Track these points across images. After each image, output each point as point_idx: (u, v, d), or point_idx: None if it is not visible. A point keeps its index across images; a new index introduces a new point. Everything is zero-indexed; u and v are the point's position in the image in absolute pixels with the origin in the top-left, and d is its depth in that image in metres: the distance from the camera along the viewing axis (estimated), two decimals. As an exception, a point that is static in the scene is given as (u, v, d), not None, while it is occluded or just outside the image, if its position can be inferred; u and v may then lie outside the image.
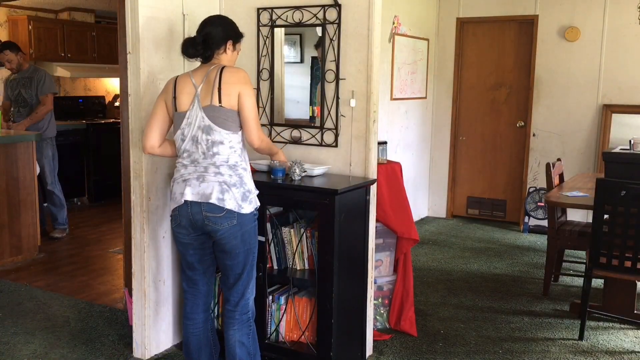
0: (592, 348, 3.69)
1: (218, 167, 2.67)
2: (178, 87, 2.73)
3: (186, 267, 2.88)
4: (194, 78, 2.72)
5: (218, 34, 2.74)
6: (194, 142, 2.68)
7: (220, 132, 2.65)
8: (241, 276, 2.79)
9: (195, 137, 2.67)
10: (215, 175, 2.66)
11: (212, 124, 2.64)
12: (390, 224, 3.68)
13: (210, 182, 2.66)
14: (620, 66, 6.07)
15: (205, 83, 2.68)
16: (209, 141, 2.65)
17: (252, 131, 2.72)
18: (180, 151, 2.76)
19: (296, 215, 3.32)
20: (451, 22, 6.84)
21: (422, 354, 3.55)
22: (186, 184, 2.69)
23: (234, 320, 2.83)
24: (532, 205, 6.44)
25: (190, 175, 2.70)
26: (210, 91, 2.65)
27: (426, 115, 6.96)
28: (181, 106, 2.71)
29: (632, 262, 3.59)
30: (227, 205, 2.64)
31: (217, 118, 2.64)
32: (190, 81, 2.71)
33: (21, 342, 3.58)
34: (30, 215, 5.22)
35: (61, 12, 7.74)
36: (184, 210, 2.70)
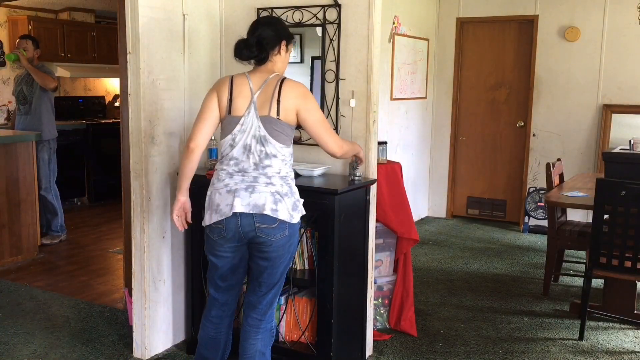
0: (592, 348, 3.69)
1: (269, 177, 2.57)
2: (235, 89, 2.61)
3: (218, 277, 2.74)
4: (251, 82, 2.61)
5: (271, 35, 2.63)
6: (246, 150, 2.56)
7: (274, 145, 2.55)
8: (275, 286, 2.70)
9: (248, 145, 2.56)
10: (267, 185, 2.55)
11: (267, 136, 2.54)
12: (390, 224, 3.68)
13: (262, 192, 2.54)
14: (620, 66, 6.07)
15: (263, 91, 2.58)
16: (262, 152, 2.55)
17: (328, 143, 2.67)
18: (224, 157, 2.62)
19: (296, 215, 3.31)
20: (451, 22, 6.84)
21: (422, 354, 3.55)
22: (235, 195, 2.54)
23: (258, 329, 2.73)
24: (532, 205, 6.44)
25: (237, 186, 2.56)
26: (269, 101, 2.55)
27: (426, 115, 6.96)
28: (236, 110, 2.59)
29: (632, 262, 3.59)
30: (281, 215, 2.54)
31: (273, 130, 2.55)
32: (248, 85, 2.61)
33: (21, 342, 3.58)
34: (30, 215, 5.22)
35: (61, 12, 7.75)
36: (232, 222, 2.56)
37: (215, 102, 2.64)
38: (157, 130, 3.30)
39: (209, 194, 2.66)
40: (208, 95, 2.68)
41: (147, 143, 3.25)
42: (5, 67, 7.12)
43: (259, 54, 2.62)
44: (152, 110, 3.26)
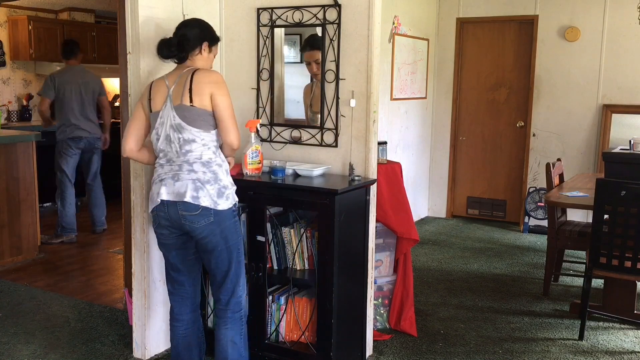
0: (592, 348, 3.69)
1: (191, 164, 2.66)
2: (153, 89, 2.76)
3: (170, 268, 2.87)
4: (167, 80, 2.75)
5: (193, 36, 2.76)
6: (168, 141, 2.68)
7: (190, 131, 2.64)
8: (228, 274, 2.77)
9: (168, 135, 2.68)
10: (189, 172, 2.66)
11: (182, 123, 2.64)
12: (390, 224, 3.68)
13: (184, 180, 2.65)
14: (620, 66, 6.07)
15: (177, 84, 2.69)
16: (180, 139, 2.65)
17: (231, 132, 2.69)
18: (156, 151, 2.77)
19: (296, 215, 3.32)
20: (451, 22, 6.84)
21: (422, 354, 3.55)
22: (162, 183, 2.70)
23: (225, 319, 2.82)
24: (532, 205, 6.44)
25: (166, 175, 2.71)
26: (181, 91, 2.66)
27: (426, 115, 6.96)
28: (155, 106, 2.72)
29: (632, 262, 3.59)
30: (202, 202, 2.63)
31: (187, 117, 2.64)
32: (164, 83, 2.74)
33: (21, 342, 3.58)
34: (30, 215, 5.22)
35: (61, 12, 7.75)
36: (161, 210, 2.71)
37: (140, 106, 2.81)
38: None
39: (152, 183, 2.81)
40: (136, 103, 2.88)
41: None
42: (5, 67, 7.12)
43: (178, 53, 2.76)
44: (152, 110, 3.26)
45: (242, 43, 3.64)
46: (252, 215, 3.19)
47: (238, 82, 3.67)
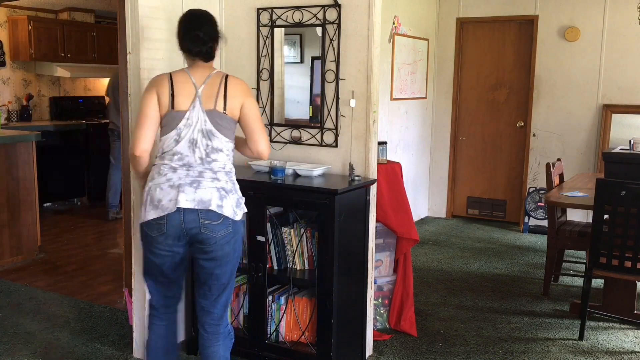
0: (592, 348, 3.69)
1: (215, 172, 2.55)
2: (176, 84, 2.55)
3: (159, 274, 2.64)
4: (193, 77, 2.57)
5: (216, 32, 2.64)
6: (192, 145, 2.53)
7: (221, 140, 2.55)
8: (226, 287, 2.65)
9: (194, 140, 2.52)
10: (213, 180, 2.52)
11: (214, 129, 2.53)
12: (390, 224, 3.68)
13: (207, 188, 2.50)
14: (620, 66, 6.07)
15: (207, 85, 2.55)
16: (208, 147, 2.53)
17: (261, 141, 2.63)
18: (167, 153, 2.56)
19: (296, 215, 3.32)
20: (451, 22, 6.84)
21: (422, 354, 3.55)
22: (179, 189, 2.48)
23: (218, 335, 2.68)
24: (532, 205, 6.44)
25: (181, 181, 2.51)
26: (214, 96, 2.54)
27: (426, 115, 6.96)
28: (179, 105, 2.53)
29: (632, 262, 3.59)
30: (225, 212, 2.51)
31: (218, 124, 2.54)
32: (190, 80, 2.57)
33: (21, 342, 3.58)
34: (30, 215, 5.22)
35: (61, 12, 7.75)
36: (174, 218, 2.48)
37: (155, 102, 2.57)
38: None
39: (148, 189, 2.56)
40: (147, 96, 2.59)
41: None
42: (5, 67, 7.12)
43: (212, 52, 2.62)
44: (152, 110, 3.25)
45: (242, 43, 3.64)
46: (252, 215, 3.19)
47: (238, 82, 3.67)
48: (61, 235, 5.97)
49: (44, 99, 7.59)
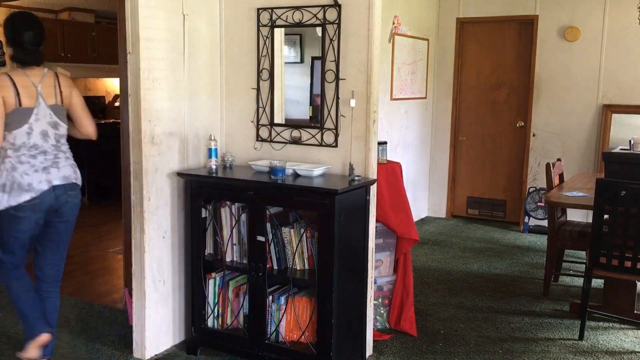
0: (592, 348, 3.69)
1: (65, 152, 3.10)
2: (18, 84, 2.95)
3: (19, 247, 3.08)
4: (31, 78, 3.00)
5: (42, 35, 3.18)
6: (44, 136, 3.00)
7: (64, 127, 3.09)
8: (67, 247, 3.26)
9: (45, 131, 3.00)
10: (67, 159, 3.10)
11: (58, 121, 3.05)
12: (390, 224, 3.68)
13: (66, 166, 3.08)
14: (620, 66, 6.08)
15: (44, 84, 3.02)
16: (56, 135, 3.05)
17: (90, 124, 3.21)
18: (22, 146, 2.96)
19: (296, 215, 3.32)
20: (451, 22, 6.84)
21: (422, 354, 3.55)
22: (46, 172, 2.99)
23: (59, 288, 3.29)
24: (532, 205, 6.44)
25: (44, 164, 3.00)
26: (53, 92, 3.04)
27: (426, 115, 6.96)
28: (25, 102, 2.95)
29: (632, 262, 3.59)
30: (79, 181, 3.16)
31: (60, 115, 3.06)
32: (29, 80, 3.00)
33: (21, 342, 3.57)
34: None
35: (61, 12, 7.75)
36: (47, 195, 2.99)
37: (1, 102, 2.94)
38: (157, 130, 3.30)
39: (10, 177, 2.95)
40: None
41: (147, 143, 3.25)
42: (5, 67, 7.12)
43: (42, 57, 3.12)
44: (152, 110, 3.26)
45: (242, 43, 3.64)
46: (252, 215, 3.19)
47: (238, 82, 3.67)
48: (61, 235, 5.96)
49: (44, 99, 7.58)
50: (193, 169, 3.50)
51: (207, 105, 3.63)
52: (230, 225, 3.35)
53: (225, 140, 3.75)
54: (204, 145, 3.58)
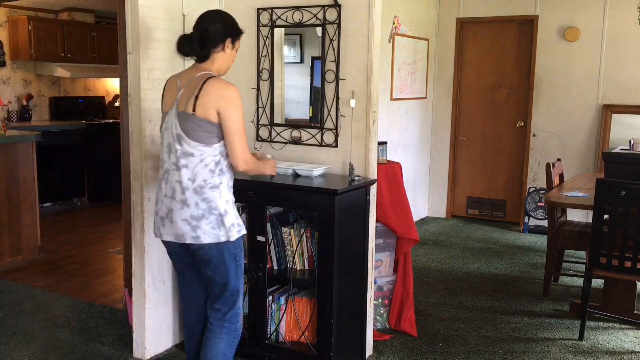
0: (592, 348, 3.69)
1: (184, 192, 2.49)
2: (167, 86, 2.64)
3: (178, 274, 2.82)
4: (180, 80, 2.58)
5: (216, 31, 2.55)
6: (169, 150, 2.53)
7: (190, 143, 2.46)
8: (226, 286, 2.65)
9: (169, 145, 2.53)
10: (182, 208, 2.49)
11: (182, 133, 2.47)
12: (390, 224, 3.68)
13: (178, 221, 2.50)
14: (620, 66, 6.07)
15: (187, 88, 2.51)
16: (179, 151, 2.49)
17: (236, 156, 2.48)
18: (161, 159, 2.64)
19: (296, 215, 3.32)
20: (451, 22, 6.84)
21: (422, 354, 3.55)
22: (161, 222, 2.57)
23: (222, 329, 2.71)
24: (532, 205, 6.44)
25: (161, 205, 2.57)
26: (189, 97, 2.47)
27: (426, 115, 6.96)
28: (165, 107, 2.60)
29: (632, 262, 3.59)
30: (204, 240, 2.51)
31: (188, 127, 2.45)
32: (176, 83, 2.58)
33: (21, 342, 3.58)
34: (30, 215, 5.22)
35: (61, 12, 7.75)
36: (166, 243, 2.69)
37: None
38: (157, 130, 3.30)
39: None
40: None
41: (147, 143, 3.25)
42: (5, 67, 7.13)
43: (200, 51, 2.55)
44: (152, 110, 3.26)
45: (242, 43, 3.62)
46: (252, 215, 3.19)
47: (238, 82, 3.67)
48: (61, 235, 5.97)
49: (44, 99, 7.59)
50: (193, 169, 3.49)
51: (207, 105, 3.63)
52: (230, 225, 3.35)
53: (225, 140, 3.75)
54: (204, 145, 3.57)
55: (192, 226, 2.49)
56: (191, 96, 2.46)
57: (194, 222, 2.49)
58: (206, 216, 2.49)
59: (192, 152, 2.47)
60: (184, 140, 2.47)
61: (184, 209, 2.49)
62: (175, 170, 2.50)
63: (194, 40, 2.53)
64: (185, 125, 2.46)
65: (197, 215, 2.48)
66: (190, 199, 2.48)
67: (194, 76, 2.53)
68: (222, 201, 2.52)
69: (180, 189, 2.49)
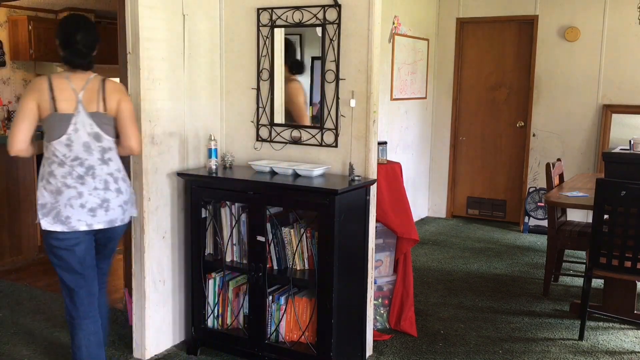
0: (592, 348, 3.69)
1: (116, 180, 2.79)
2: (55, 89, 2.65)
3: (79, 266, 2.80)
4: (72, 83, 2.69)
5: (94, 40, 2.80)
6: (87, 148, 2.69)
7: (108, 140, 2.77)
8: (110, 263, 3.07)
9: (87, 143, 2.69)
10: (118, 195, 2.79)
11: (100, 131, 2.72)
12: (390, 224, 3.68)
13: (115, 208, 2.78)
14: (620, 66, 6.07)
15: (86, 90, 2.70)
16: (100, 147, 2.73)
17: (134, 136, 2.82)
18: (66, 158, 2.66)
19: (296, 215, 3.32)
20: (451, 22, 6.84)
21: (422, 354, 3.55)
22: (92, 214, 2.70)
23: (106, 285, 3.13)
24: (532, 205, 6.44)
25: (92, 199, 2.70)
26: (95, 98, 2.71)
27: (426, 115, 6.96)
28: (62, 108, 2.65)
29: (632, 262, 3.59)
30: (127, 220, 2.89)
31: (102, 124, 2.73)
32: (69, 85, 2.68)
33: (21, 342, 3.58)
34: (30, 215, 5.21)
35: (61, 12, 7.74)
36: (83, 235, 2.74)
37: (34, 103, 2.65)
38: (157, 130, 3.30)
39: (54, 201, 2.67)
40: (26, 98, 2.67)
41: (147, 143, 3.25)
42: (5, 67, 7.12)
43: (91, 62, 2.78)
44: (152, 110, 3.26)
45: (242, 43, 3.64)
46: (252, 215, 3.19)
47: (238, 82, 3.67)
48: (61, 235, 5.95)
49: (44, 99, 7.58)
50: (193, 169, 3.50)
51: (207, 105, 3.63)
52: (230, 225, 3.35)
53: (225, 140, 3.75)
54: (204, 146, 3.58)
55: (124, 209, 2.84)
56: (97, 97, 2.72)
57: (126, 207, 2.85)
58: (131, 199, 2.91)
59: (109, 146, 2.78)
60: (103, 137, 2.74)
61: (119, 197, 2.80)
62: (103, 165, 2.75)
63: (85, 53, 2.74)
64: (100, 123, 2.73)
65: (127, 199, 2.86)
66: (122, 187, 2.83)
67: (89, 78, 2.75)
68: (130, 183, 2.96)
69: (112, 179, 2.78)
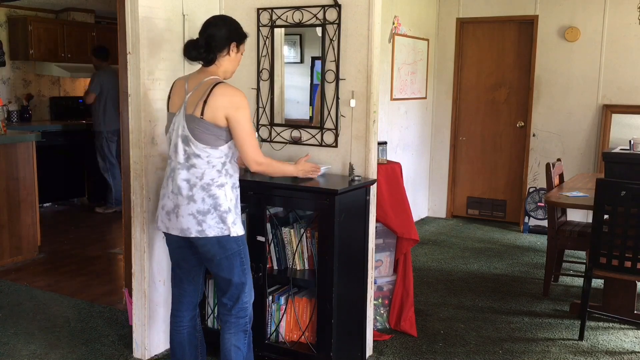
0: (592, 348, 3.69)
1: (192, 188, 2.59)
2: (174, 87, 2.72)
3: (174, 264, 2.87)
4: (188, 83, 2.66)
5: (221, 36, 2.62)
6: (175, 149, 2.63)
7: (197, 146, 2.56)
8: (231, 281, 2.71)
9: (175, 144, 2.62)
10: (189, 203, 2.59)
11: (190, 135, 2.56)
12: (390, 224, 3.68)
13: (185, 216, 2.60)
14: (620, 66, 6.08)
15: (195, 91, 2.60)
16: (186, 152, 2.59)
17: (247, 156, 2.61)
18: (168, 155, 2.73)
19: (296, 215, 3.32)
20: (451, 22, 6.84)
21: (422, 354, 3.55)
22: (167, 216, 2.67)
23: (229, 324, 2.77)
24: (532, 206, 6.44)
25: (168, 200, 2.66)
26: (197, 101, 2.56)
27: (426, 115, 6.96)
28: (172, 107, 2.69)
29: (632, 262, 3.59)
30: (209, 234, 2.60)
31: (195, 129, 2.55)
32: (184, 85, 2.67)
33: (21, 342, 3.58)
34: (30, 215, 5.22)
35: (61, 12, 7.74)
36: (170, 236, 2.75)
37: None
38: (157, 130, 3.30)
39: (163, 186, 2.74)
40: None
41: (147, 143, 3.25)
42: (5, 67, 7.12)
43: (207, 55, 2.62)
44: (152, 110, 3.26)
45: (242, 43, 3.63)
46: (252, 215, 3.19)
47: (238, 82, 3.66)
48: (61, 235, 5.97)
49: (44, 99, 7.59)
50: (193, 169, 3.49)
51: (207, 105, 3.63)
52: (230, 225, 3.35)
53: (225, 140, 3.75)
54: (204, 145, 3.57)
55: (198, 220, 2.59)
56: (200, 100, 2.56)
57: (199, 217, 2.59)
58: (211, 211, 2.60)
59: (199, 153, 2.58)
60: (191, 142, 2.57)
61: (190, 204, 2.60)
62: (182, 169, 2.61)
63: (200, 45, 2.61)
64: (192, 127, 2.56)
65: (203, 210, 2.59)
66: (197, 195, 2.60)
67: (202, 80, 2.62)
68: (226, 199, 2.64)
69: (187, 186, 2.61)
